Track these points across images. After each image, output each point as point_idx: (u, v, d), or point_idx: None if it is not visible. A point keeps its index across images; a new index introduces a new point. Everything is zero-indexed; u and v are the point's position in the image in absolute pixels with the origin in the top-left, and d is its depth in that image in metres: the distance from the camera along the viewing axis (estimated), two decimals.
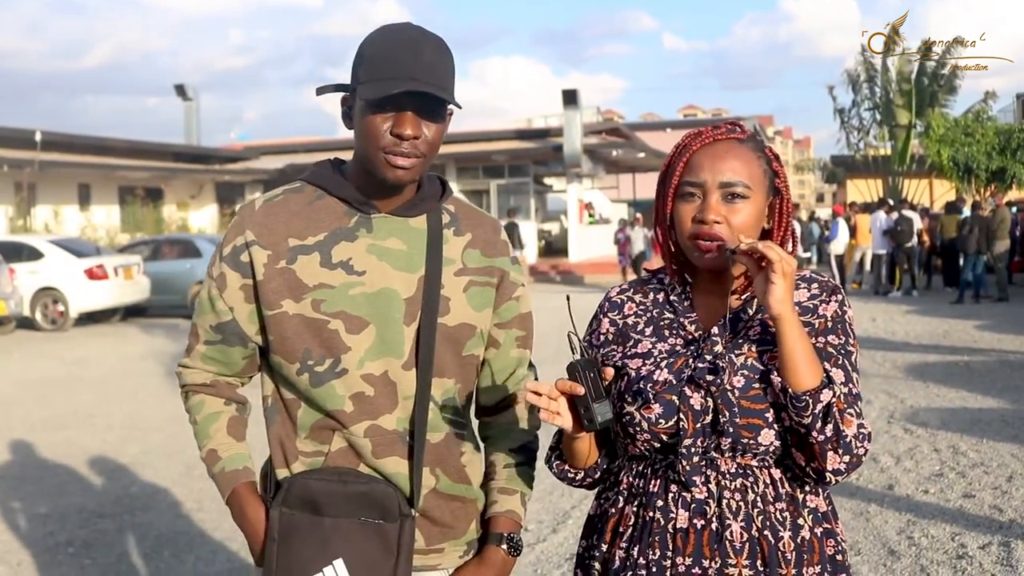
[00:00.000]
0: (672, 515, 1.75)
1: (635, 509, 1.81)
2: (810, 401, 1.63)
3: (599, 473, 1.94)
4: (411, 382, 1.81)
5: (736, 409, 1.71)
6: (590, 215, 32.97)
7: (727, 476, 1.73)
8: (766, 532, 1.72)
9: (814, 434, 1.64)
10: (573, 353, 1.72)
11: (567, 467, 1.92)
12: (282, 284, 1.79)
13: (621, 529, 1.83)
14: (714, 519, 1.72)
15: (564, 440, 1.88)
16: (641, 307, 1.94)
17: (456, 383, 1.88)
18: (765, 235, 1.85)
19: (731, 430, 1.71)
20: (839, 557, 1.77)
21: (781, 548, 1.72)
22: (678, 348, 1.82)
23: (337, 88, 1.85)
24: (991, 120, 28.39)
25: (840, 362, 1.72)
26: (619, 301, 1.98)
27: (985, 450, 6.71)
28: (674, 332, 1.85)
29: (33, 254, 17.09)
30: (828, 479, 1.68)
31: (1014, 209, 21.99)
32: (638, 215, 25.27)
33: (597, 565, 1.86)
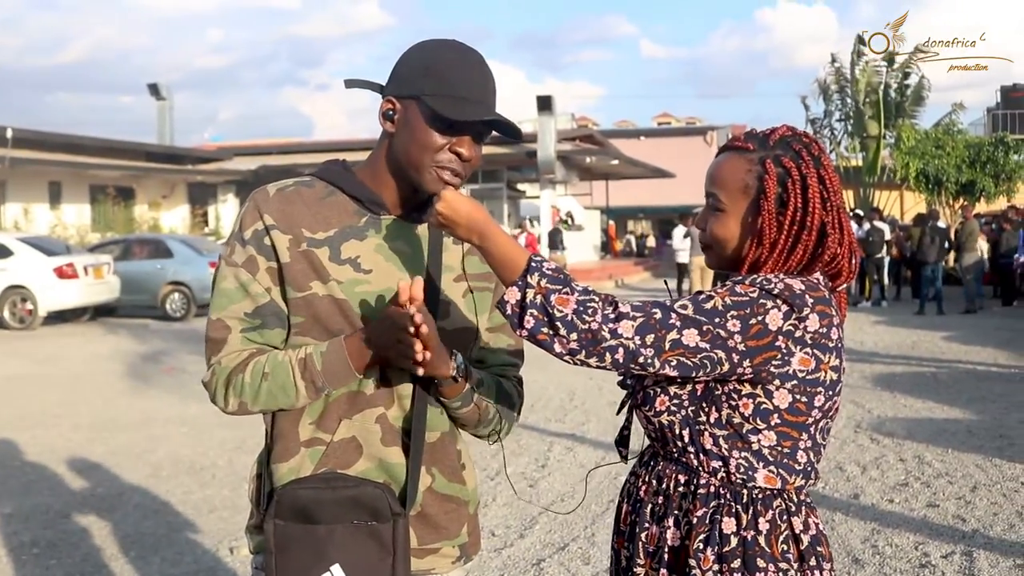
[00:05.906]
0: (630, 486, 1.99)
1: None
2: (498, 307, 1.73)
3: None
4: (408, 381, 1.84)
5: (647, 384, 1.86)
6: (564, 221, 32.99)
7: (650, 464, 1.93)
8: (666, 522, 1.84)
9: (520, 332, 1.70)
10: None
11: None
12: (308, 266, 1.81)
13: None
14: (636, 501, 1.93)
15: None
16: None
17: None
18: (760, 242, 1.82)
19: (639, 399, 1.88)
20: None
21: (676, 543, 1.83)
22: None
23: (369, 86, 1.89)
24: (961, 133, 28.64)
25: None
26: None
27: (950, 460, 6.78)
28: None
29: (2, 252, 16.90)
30: (569, 362, 1.70)
31: (982, 221, 22.24)
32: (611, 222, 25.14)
33: None
